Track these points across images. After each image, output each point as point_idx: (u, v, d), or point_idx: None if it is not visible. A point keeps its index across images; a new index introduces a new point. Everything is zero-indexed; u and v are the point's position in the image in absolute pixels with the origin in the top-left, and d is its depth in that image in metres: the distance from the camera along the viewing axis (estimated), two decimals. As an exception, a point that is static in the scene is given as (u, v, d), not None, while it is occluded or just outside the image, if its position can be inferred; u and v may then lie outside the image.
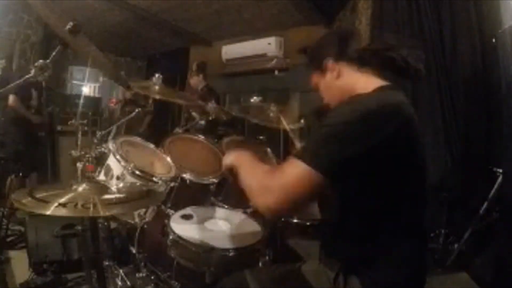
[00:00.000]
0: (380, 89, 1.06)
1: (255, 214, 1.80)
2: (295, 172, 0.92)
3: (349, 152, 0.91)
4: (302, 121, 2.52)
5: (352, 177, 0.95)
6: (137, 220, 1.92)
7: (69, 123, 2.30)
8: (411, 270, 1.05)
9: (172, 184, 1.95)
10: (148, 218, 1.91)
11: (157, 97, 2.11)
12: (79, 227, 1.79)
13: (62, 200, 1.12)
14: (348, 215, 1.06)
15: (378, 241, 1.00)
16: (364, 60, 1.10)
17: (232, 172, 1.18)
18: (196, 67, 4.45)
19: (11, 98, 3.58)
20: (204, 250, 1.49)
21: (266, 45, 4.69)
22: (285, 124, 2.10)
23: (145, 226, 1.91)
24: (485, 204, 2.38)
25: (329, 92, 1.19)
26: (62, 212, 1.07)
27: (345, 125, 0.92)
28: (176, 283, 1.66)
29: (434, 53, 2.80)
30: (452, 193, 2.67)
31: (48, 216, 1.07)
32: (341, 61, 1.12)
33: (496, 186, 2.33)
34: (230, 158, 1.21)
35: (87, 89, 5.59)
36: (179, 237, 1.54)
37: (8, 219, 2.79)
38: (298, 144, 1.94)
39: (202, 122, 3.16)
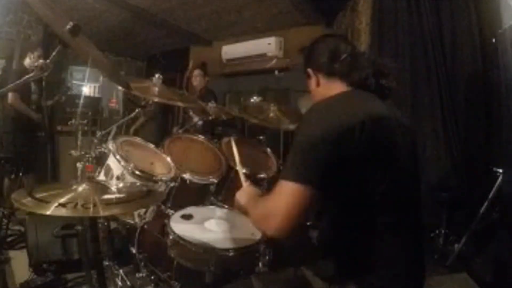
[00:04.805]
0: (342, 92, 1.16)
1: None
2: (285, 192, 0.99)
3: (323, 158, 0.97)
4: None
5: (333, 183, 0.99)
6: (137, 220, 1.92)
7: (69, 123, 2.29)
8: (407, 273, 1.06)
9: (172, 184, 1.95)
10: (148, 218, 1.90)
11: (156, 99, 2.11)
12: (79, 227, 1.79)
13: (62, 200, 1.12)
14: (336, 220, 1.09)
15: (368, 246, 1.01)
16: (342, 73, 1.19)
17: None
18: (201, 68, 4.46)
19: (11, 96, 3.55)
20: (204, 250, 1.49)
21: (266, 45, 4.69)
22: None
23: (145, 226, 1.91)
24: (485, 204, 2.38)
25: (313, 95, 1.29)
26: (62, 212, 1.07)
27: (311, 135, 1.00)
28: (176, 283, 1.66)
29: (434, 53, 2.80)
30: (452, 193, 2.67)
31: (48, 216, 1.07)
32: (320, 73, 1.23)
33: (496, 186, 2.33)
34: (241, 200, 1.33)
35: (87, 89, 5.57)
36: (179, 237, 1.53)
37: (8, 219, 2.78)
38: None
39: (200, 122, 3.16)
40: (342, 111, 1.03)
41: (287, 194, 0.98)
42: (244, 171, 1.59)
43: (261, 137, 2.58)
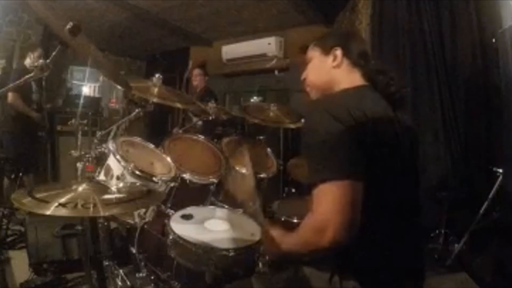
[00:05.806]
0: (346, 90, 1.17)
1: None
2: (330, 193, 0.93)
3: (352, 148, 0.95)
4: (303, 120, 2.52)
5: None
6: (137, 220, 1.91)
7: (69, 123, 2.30)
8: (407, 272, 1.06)
9: (172, 184, 1.94)
10: (148, 218, 1.90)
11: (155, 100, 2.11)
12: (79, 227, 1.79)
13: (62, 200, 1.12)
14: None
15: (368, 245, 1.00)
16: (361, 65, 1.22)
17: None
18: (201, 68, 4.46)
19: (11, 95, 3.54)
20: (204, 250, 1.49)
21: (266, 45, 4.69)
22: None
23: (145, 226, 1.91)
24: (485, 204, 2.38)
25: (318, 73, 1.27)
26: (62, 212, 1.07)
27: (330, 129, 0.97)
28: (176, 283, 1.66)
29: (434, 53, 2.80)
30: (452, 193, 2.67)
31: (48, 216, 1.07)
32: (348, 57, 1.22)
33: (496, 186, 2.33)
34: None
35: (87, 89, 5.57)
36: (179, 237, 1.53)
37: (8, 219, 2.79)
38: None
39: (200, 122, 3.16)
40: (350, 104, 1.03)
41: (335, 194, 0.92)
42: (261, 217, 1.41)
43: (261, 137, 2.58)
